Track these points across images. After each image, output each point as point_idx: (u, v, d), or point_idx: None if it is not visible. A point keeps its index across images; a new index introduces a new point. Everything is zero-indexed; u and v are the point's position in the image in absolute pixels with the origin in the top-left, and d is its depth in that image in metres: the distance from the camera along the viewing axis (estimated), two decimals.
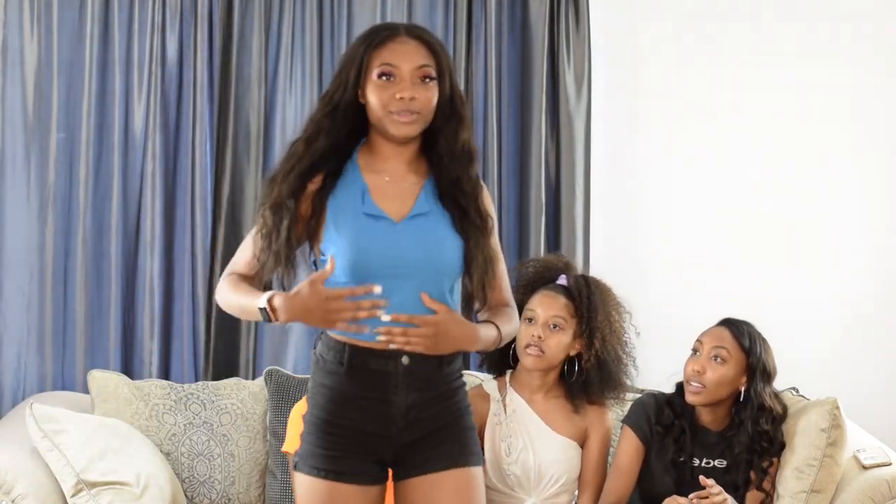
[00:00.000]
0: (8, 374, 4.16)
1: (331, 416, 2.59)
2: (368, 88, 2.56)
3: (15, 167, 4.16)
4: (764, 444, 3.42)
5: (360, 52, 2.57)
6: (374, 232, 2.56)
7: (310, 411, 2.64)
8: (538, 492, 3.48)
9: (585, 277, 3.56)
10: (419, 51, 2.57)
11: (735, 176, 4.52)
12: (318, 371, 2.62)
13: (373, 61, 2.55)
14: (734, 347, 3.42)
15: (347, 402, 2.59)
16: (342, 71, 2.59)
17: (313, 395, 2.63)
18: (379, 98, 2.54)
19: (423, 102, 2.55)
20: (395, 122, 2.54)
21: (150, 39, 4.19)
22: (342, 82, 2.58)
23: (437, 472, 2.61)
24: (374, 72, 2.55)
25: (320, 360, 2.62)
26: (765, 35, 4.51)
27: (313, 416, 2.62)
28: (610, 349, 3.48)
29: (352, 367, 2.58)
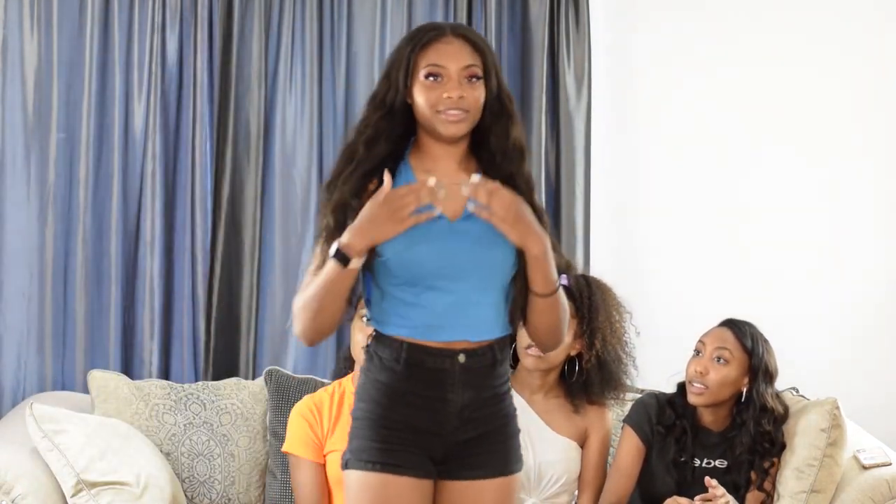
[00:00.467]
0: (8, 374, 4.16)
1: (386, 412, 2.59)
2: (416, 89, 2.57)
3: (15, 167, 4.16)
4: (766, 445, 3.42)
5: (406, 53, 2.58)
6: (431, 232, 2.56)
7: (361, 407, 2.62)
8: (538, 492, 3.47)
9: (586, 277, 3.56)
10: (465, 50, 2.58)
11: (735, 176, 4.52)
12: (373, 368, 2.62)
13: (420, 62, 2.57)
14: (737, 348, 3.42)
15: (403, 399, 2.59)
16: (390, 72, 2.60)
17: (366, 391, 2.62)
18: (427, 98, 2.56)
19: (470, 101, 2.56)
20: (443, 121, 2.56)
21: (150, 39, 4.19)
22: (392, 84, 2.59)
23: (481, 479, 2.64)
24: (421, 72, 2.56)
25: (375, 357, 2.61)
26: (766, 34, 4.51)
27: (366, 411, 2.60)
28: (610, 349, 3.48)
29: (409, 366, 2.58)
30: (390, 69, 2.60)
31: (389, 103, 2.59)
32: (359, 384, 2.65)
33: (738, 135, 4.52)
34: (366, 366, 2.65)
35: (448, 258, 2.57)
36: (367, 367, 2.64)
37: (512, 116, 2.64)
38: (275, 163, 4.28)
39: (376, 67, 4.30)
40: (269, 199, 4.28)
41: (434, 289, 2.57)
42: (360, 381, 2.66)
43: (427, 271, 2.56)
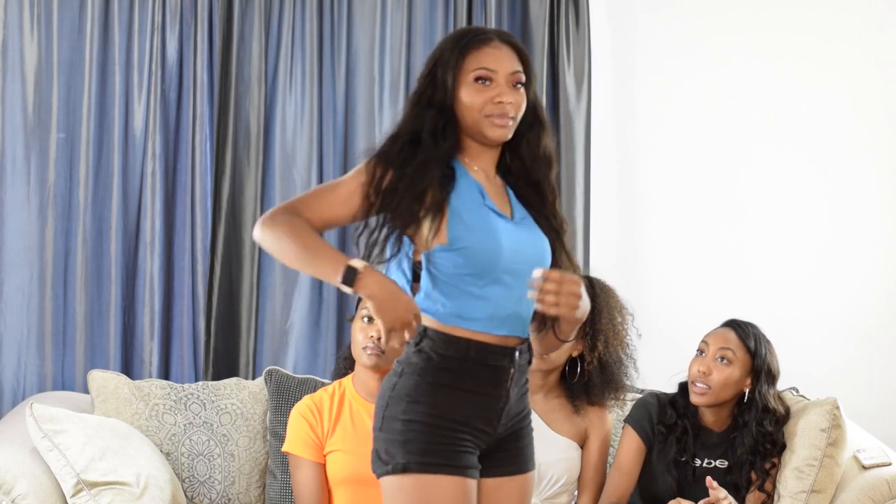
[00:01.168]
0: (8, 374, 4.16)
1: (447, 412, 2.56)
2: (463, 90, 2.59)
3: (15, 167, 4.16)
4: (767, 446, 3.42)
5: (454, 54, 2.59)
6: (502, 228, 2.60)
7: (418, 409, 2.56)
8: (538, 492, 3.47)
9: (589, 278, 3.56)
10: (513, 57, 2.64)
11: (736, 175, 4.53)
12: (430, 369, 2.56)
13: (469, 64, 2.59)
14: (740, 349, 3.42)
15: (464, 398, 2.58)
16: (435, 72, 2.61)
17: (423, 394, 2.56)
18: (475, 101, 2.58)
19: (516, 107, 2.61)
20: (492, 124, 2.59)
21: (150, 39, 4.19)
22: (439, 84, 2.59)
23: (510, 476, 2.67)
24: (470, 75, 2.59)
25: (433, 358, 2.56)
26: (766, 33, 4.51)
27: (426, 414, 2.55)
28: (612, 351, 3.47)
29: (474, 363, 2.58)
30: (435, 69, 2.61)
31: (439, 103, 2.59)
32: (407, 387, 2.57)
33: (738, 134, 4.52)
34: (418, 367, 2.57)
35: (518, 252, 2.60)
36: (420, 369, 2.56)
37: (544, 125, 2.69)
38: (275, 163, 4.29)
39: (376, 67, 4.30)
40: (269, 199, 4.28)
41: (499, 282, 2.58)
42: (407, 384, 2.57)
43: (500, 264, 2.57)
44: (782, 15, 4.52)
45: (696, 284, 4.49)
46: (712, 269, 4.51)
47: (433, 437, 2.55)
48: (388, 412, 2.57)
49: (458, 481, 2.54)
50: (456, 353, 2.56)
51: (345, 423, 3.41)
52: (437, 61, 2.61)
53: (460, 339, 2.57)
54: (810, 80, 4.52)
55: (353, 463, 3.35)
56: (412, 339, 2.55)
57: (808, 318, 4.48)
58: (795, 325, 4.38)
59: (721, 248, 4.52)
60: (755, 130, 4.52)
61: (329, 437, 3.41)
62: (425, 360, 2.57)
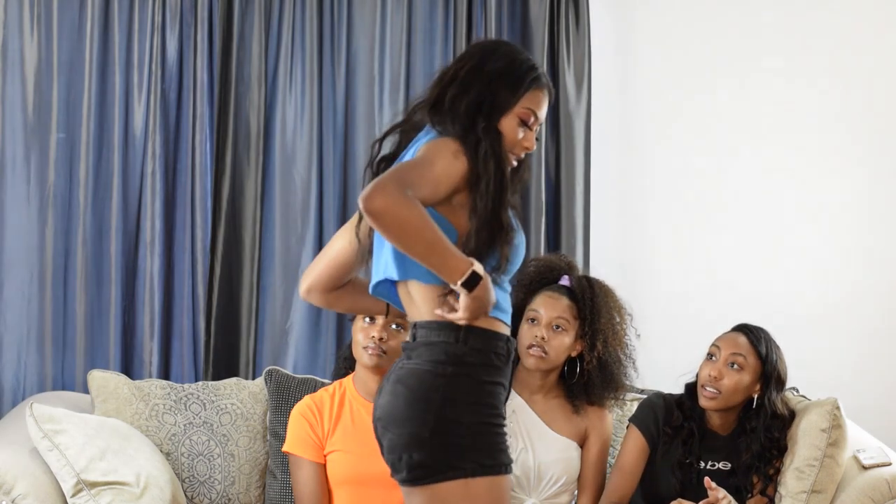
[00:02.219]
0: (8, 374, 4.16)
1: (497, 410, 2.58)
2: (507, 119, 2.64)
3: (15, 167, 4.16)
4: (774, 452, 3.42)
5: (524, 82, 2.64)
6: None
7: (483, 412, 2.54)
8: (538, 492, 3.47)
9: (588, 279, 3.56)
10: (546, 107, 2.72)
11: (736, 176, 4.52)
12: (479, 368, 2.55)
13: (527, 100, 2.65)
14: (751, 354, 3.42)
15: (503, 395, 2.62)
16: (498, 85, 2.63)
17: (484, 394, 2.55)
18: (512, 135, 2.64)
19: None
20: (509, 160, 2.65)
21: (150, 39, 4.19)
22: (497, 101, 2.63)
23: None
24: (522, 109, 2.64)
25: (491, 356, 2.57)
26: (766, 34, 4.51)
27: (490, 415, 2.55)
28: (612, 351, 3.48)
29: (508, 357, 2.63)
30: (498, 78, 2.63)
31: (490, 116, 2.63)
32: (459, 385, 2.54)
33: (738, 135, 4.52)
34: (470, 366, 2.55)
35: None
36: (470, 369, 2.55)
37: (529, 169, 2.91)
38: (275, 163, 4.28)
39: (376, 67, 4.30)
40: (269, 199, 4.28)
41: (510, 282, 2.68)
42: (462, 382, 2.54)
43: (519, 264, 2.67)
44: (783, 16, 4.52)
45: (696, 284, 4.49)
46: (712, 268, 4.51)
47: (498, 438, 2.57)
48: (442, 415, 2.51)
49: (510, 479, 2.58)
50: (504, 349, 2.60)
51: (345, 423, 3.41)
52: (504, 76, 2.63)
53: (501, 334, 2.60)
54: (812, 80, 4.52)
55: (353, 463, 3.35)
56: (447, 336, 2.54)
57: (808, 318, 4.48)
58: (795, 324, 4.38)
59: (721, 247, 4.52)
60: (755, 130, 4.52)
61: (329, 437, 3.41)
62: (479, 358, 2.56)
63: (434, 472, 2.52)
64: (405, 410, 2.54)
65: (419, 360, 2.57)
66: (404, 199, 2.40)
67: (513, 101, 2.63)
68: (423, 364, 2.56)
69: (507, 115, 2.63)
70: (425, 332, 2.59)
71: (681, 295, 4.47)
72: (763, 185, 4.53)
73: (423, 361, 2.56)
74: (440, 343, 2.55)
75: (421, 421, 2.52)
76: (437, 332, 2.56)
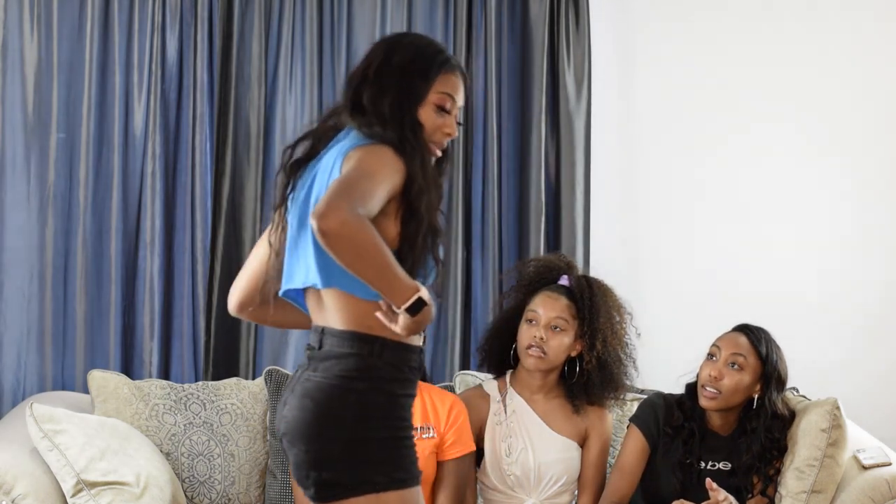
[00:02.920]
0: (8, 374, 4.16)
1: (410, 423, 2.53)
2: (424, 108, 2.57)
3: (15, 167, 4.16)
4: (774, 452, 3.42)
5: (433, 67, 2.57)
6: None
7: (396, 426, 2.49)
8: (538, 492, 3.47)
9: (587, 278, 3.56)
10: (462, 91, 2.64)
11: (735, 176, 4.52)
12: (392, 382, 2.48)
13: (439, 85, 2.57)
14: (751, 354, 3.42)
15: (412, 406, 2.55)
16: (412, 76, 2.56)
17: (396, 407, 2.49)
18: (430, 122, 2.56)
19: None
20: (432, 150, 2.59)
21: (150, 39, 4.19)
22: (412, 91, 2.56)
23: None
24: (437, 95, 2.57)
25: (404, 370, 2.50)
26: (766, 33, 4.51)
27: (402, 428, 2.50)
28: (611, 351, 3.48)
29: (419, 370, 2.56)
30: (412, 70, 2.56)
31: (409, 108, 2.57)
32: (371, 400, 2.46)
33: (738, 135, 4.52)
34: (382, 378, 2.48)
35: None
36: (384, 379, 2.48)
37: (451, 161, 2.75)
38: (275, 163, 4.28)
39: None
40: (269, 200, 4.28)
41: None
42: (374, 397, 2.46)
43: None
44: (783, 14, 4.51)
45: (696, 284, 4.49)
46: (712, 268, 4.51)
47: (409, 451, 2.51)
48: (355, 433, 2.44)
49: (420, 489, 2.52)
50: (416, 363, 2.53)
51: None
52: (414, 64, 2.56)
53: (415, 346, 2.53)
54: (811, 79, 4.52)
55: None
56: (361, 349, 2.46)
57: (808, 318, 4.48)
58: (795, 324, 4.37)
59: (721, 247, 4.52)
60: (755, 130, 4.52)
61: None
62: (392, 372, 2.49)
63: (345, 490, 2.45)
64: (314, 427, 2.45)
65: (327, 374, 2.46)
66: (359, 221, 2.30)
67: (426, 88, 2.55)
68: (331, 378, 2.45)
69: (424, 104, 2.55)
70: (336, 342, 2.48)
71: (681, 294, 4.47)
72: (764, 185, 4.52)
73: (331, 375, 2.46)
74: (352, 355, 2.46)
75: (330, 439, 2.44)
76: (349, 342, 2.47)
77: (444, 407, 3.48)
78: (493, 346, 3.63)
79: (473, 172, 4.35)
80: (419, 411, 3.46)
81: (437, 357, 4.33)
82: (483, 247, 4.35)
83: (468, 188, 4.35)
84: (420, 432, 3.44)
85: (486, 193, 4.35)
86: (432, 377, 4.24)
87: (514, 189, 4.39)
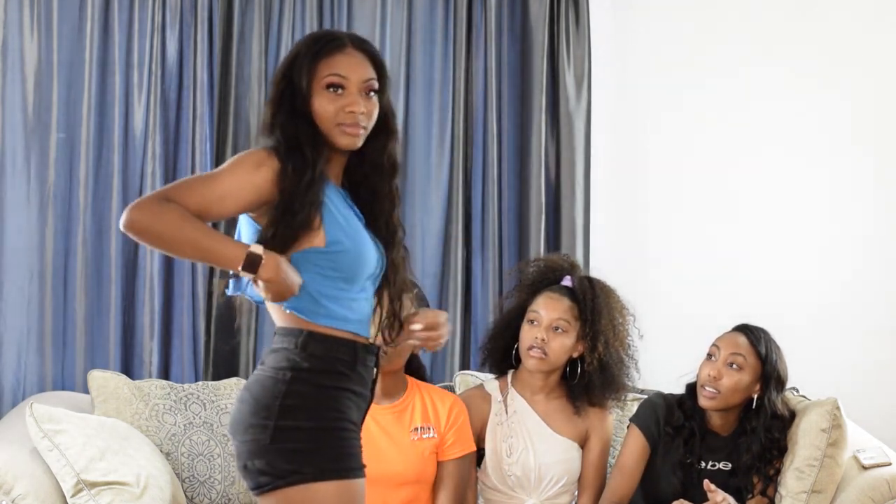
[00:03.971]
0: (8, 374, 4.16)
1: (347, 416, 2.55)
2: (315, 99, 2.56)
3: (15, 167, 4.16)
4: (774, 452, 3.42)
5: (307, 60, 2.56)
6: (367, 235, 2.60)
7: (326, 416, 2.52)
8: (539, 492, 3.47)
9: (590, 279, 3.55)
10: (365, 64, 2.59)
11: (736, 176, 4.52)
12: (319, 374, 2.53)
13: (321, 70, 2.56)
14: (751, 354, 3.42)
15: (352, 400, 2.57)
16: (291, 76, 2.57)
17: (325, 398, 2.53)
18: (327, 109, 2.55)
19: (368, 116, 2.58)
20: (343, 132, 2.56)
21: (150, 39, 4.19)
22: (297, 90, 2.56)
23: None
24: (322, 81, 2.55)
25: (333, 362, 2.54)
26: (767, 33, 4.51)
27: (328, 419, 2.52)
28: (613, 352, 3.47)
29: (359, 365, 2.58)
30: (290, 73, 2.57)
31: (301, 110, 2.56)
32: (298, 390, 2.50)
33: (738, 135, 4.52)
34: (308, 369, 2.52)
35: (375, 262, 2.61)
36: (311, 370, 2.52)
37: (392, 133, 2.67)
38: None
39: None
40: None
41: (363, 287, 2.59)
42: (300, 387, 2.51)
43: (368, 269, 2.58)
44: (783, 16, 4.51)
45: (697, 284, 4.49)
46: (713, 268, 4.51)
47: (343, 443, 2.53)
48: (281, 422, 2.49)
49: (361, 483, 2.55)
50: (347, 355, 2.56)
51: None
52: (293, 66, 2.57)
53: (347, 340, 2.56)
54: (812, 78, 4.52)
55: None
56: (289, 343, 2.52)
57: (808, 318, 4.48)
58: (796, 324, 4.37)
59: (722, 247, 4.52)
60: (756, 130, 4.52)
61: None
62: (318, 364, 2.53)
63: (275, 479, 2.49)
64: (248, 418, 2.53)
65: (264, 368, 2.55)
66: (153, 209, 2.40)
67: (310, 78, 2.55)
68: (266, 370, 2.54)
69: (314, 95, 2.55)
70: (276, 338, 2.57)
71: (681, 295, 4.47)
72: (763, 185, 4.53)
73: (267, 368, 2.54)
74: (282, 349, 2.54)
75: (261, 428, 2.50)
76: (280, 337, 2.55)
77: (444, 407, 3.48)
78: (495, 345, 3.63)
79: (473, 172, 4.35)
80: (419, 412, 3.46)
81: (437, 357, 4.33)
82: (483, 247, 4.35)
83: (468, 188, 4.35)
84: (420, 432, 3.44)
85: (486, 193, 4.35)
86: (432, 377, 4.24)
87: (514, 189, 4.39)
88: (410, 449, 3.42)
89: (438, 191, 4.33)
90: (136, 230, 2.41)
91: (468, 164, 4.35)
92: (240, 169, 2.51)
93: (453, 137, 4.32)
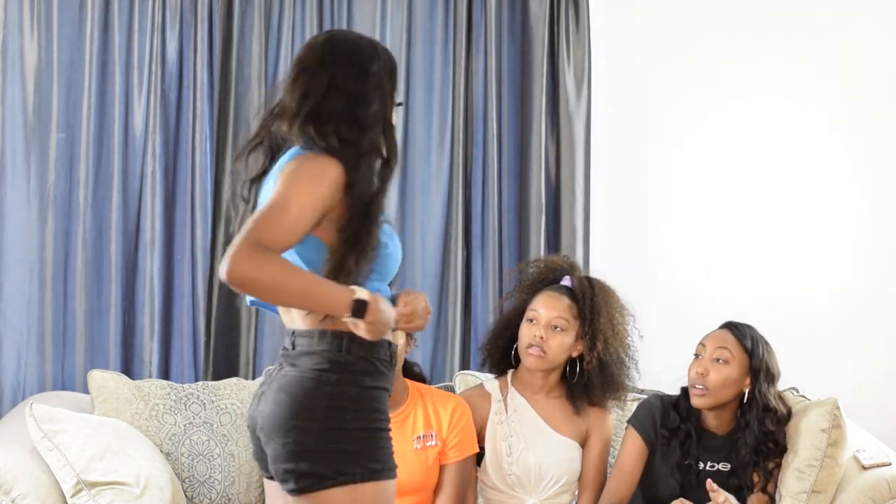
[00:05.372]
0: (8, 374, 4.16)
1: (385, 416, 2.57)
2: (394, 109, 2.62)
3: (15, 167, 4.16)
4: (769, 446, 3.42)
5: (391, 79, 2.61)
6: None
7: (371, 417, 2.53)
8: (539, 492, 3.47)
9: (589, 279, 3.56)
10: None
11: (736, 176, 4.52)
12: (364, 375, 2.54)
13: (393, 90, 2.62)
14: (736, 348, 3.42)
15: (386, 398, 2.60)
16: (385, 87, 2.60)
17: (370, 399, 2.54)
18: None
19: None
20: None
21: (150, 39, 4.19)
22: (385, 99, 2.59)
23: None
24: (394, 99, 2.61)
25: (375, 363, 2.55)
26: (767, 33, 4.51)
27: (371, 419, 2.53)
28: (612, 352, 3.47)
29: (393, 362, 2.61)
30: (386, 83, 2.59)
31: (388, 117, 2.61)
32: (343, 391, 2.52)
33: (738, 135, 4.52)
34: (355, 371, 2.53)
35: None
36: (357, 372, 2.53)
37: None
38: None
39: None
40: None
41: (389, 287, 2.63)
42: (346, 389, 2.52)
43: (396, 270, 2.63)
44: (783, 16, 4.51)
45: (698, 285, 4.48)
46: (713, 269, 4.51)
47: (384, 443, 2.55)
48: (328, 423, 2.50)
49: (395, 482, 2.56)
50: (384, 354, 2.58)
51: None
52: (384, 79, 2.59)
53: (383, 340, 2.58)
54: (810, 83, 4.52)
55: None
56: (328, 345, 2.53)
57: (808, 318, 4.48)
58: (796, 325, 4.38)
59: (722, 248, 4.52)
60: (755, 130, 4.52)
61: None
62: (363, 365, 2.55)
63: (323, 480, 2.49)
64: (289, 420, 2.52)
65: (302, 369, 2.55)
66: (258, 266, 2.39)
67: (392, 90, 2.61)
68: (305, 372, 2.54)
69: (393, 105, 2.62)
70: (306, 342, 2.57)
71: (681, 295, 4.47)
72: (764, 185, 4.52)
73: (306, 370, 2.54)
74: (322, 352, 2.54)
75: (305, 430, 2.50)
76: (318, 340, 2.55)
77: (446, 412, 3.47)
78: (495, 345, 3.63)
79: (473, 172, 4.35)
80: (422, 420, 3.46)
81: (437, 357, 4.33)
82: (483, 247, 4.35)
83: (468, 188, 4.35)
84: (423, 440, 3.43)
85: (486, 193, 4.35)
86: (432, 377, 4.24)
87: (514, 189, 4.39)
88: (414, 458, 3.41)
89: (438, 191, 4.33)
90: (239, 283, 2.40)
91: (468, 164, 4.35)
92: (310, 186, 2.48)
93: (453, 137, 4.32)
